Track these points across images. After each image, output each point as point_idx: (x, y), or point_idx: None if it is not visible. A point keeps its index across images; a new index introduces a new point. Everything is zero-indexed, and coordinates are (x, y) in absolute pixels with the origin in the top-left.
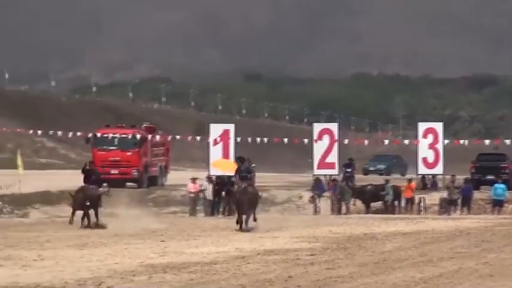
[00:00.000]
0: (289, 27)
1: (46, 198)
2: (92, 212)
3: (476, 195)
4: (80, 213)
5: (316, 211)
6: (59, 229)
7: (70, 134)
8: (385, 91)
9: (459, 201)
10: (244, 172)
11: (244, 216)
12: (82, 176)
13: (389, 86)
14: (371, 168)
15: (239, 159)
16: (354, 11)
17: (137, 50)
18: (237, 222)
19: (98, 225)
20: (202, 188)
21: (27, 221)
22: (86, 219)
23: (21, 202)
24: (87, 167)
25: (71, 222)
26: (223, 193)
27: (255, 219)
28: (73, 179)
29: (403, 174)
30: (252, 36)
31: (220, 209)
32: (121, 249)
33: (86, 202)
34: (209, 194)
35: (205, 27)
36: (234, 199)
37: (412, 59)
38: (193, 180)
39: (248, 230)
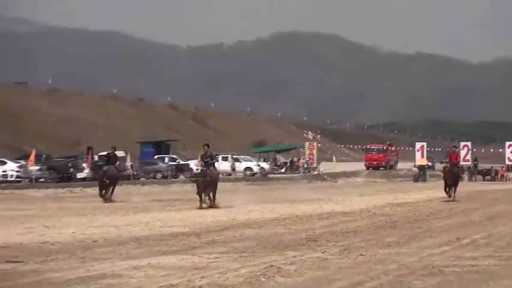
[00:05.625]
0: (437, 99)
1: (347, 173)
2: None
3: None
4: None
5: (461, 180)
6: (346, 188)
7: (355, 147)
8: (493, 131)
9: None
10: (208, 158)
11: (203, 195)
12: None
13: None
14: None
15: (207, 146)
16: (471, 94)
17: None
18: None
19: (107, 199)
20: (413, 169)
21: (336, 184)
22: (106, 193)
23: (334, 175)
24: (111, 153)
25: (105, 201)
26: (421, 172)
27: (214, 197)
28: (353, 166)
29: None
30: (429, 100)
31: (420, 179)
32: (367, 199)
33: (105, 180)
34: (416, 172)
35: (407, 95)
36: (195, 180)
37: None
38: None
39: (217, 207)
